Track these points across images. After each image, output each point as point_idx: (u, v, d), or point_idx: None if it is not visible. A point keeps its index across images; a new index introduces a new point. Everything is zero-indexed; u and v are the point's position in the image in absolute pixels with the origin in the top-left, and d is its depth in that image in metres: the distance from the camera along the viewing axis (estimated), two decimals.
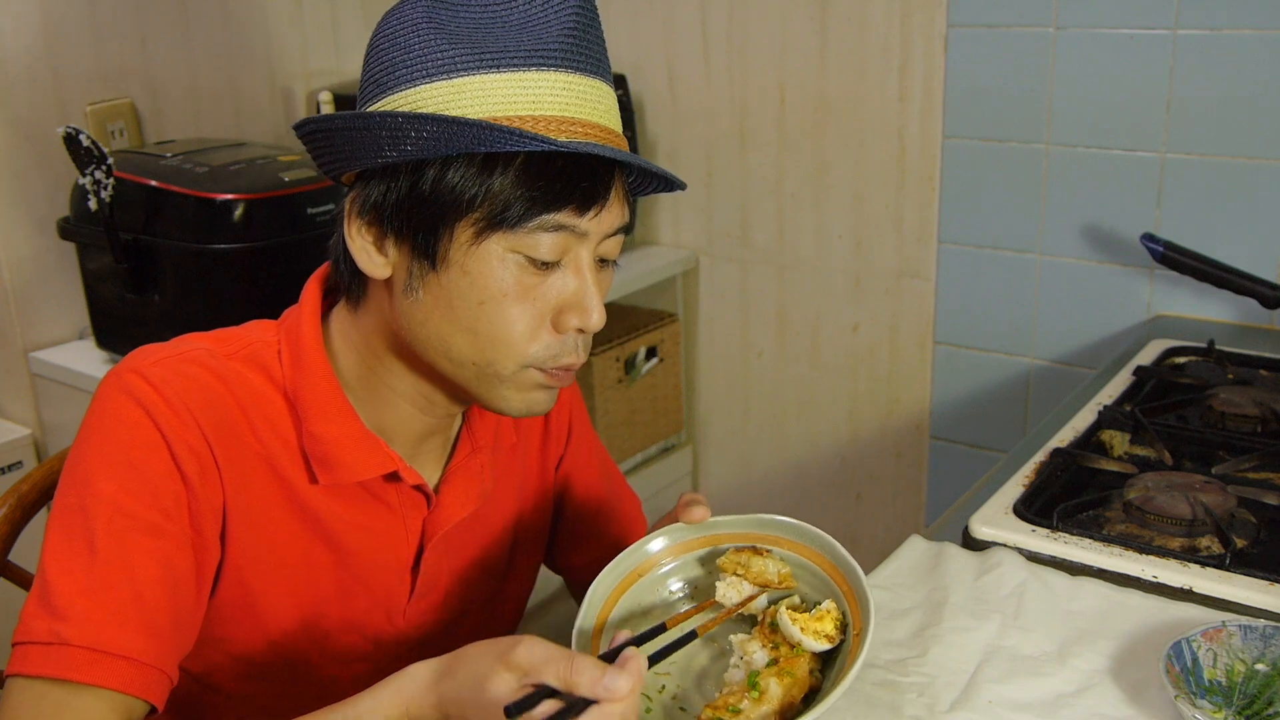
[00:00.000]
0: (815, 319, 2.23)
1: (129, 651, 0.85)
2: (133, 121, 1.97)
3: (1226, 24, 1.69)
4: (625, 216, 0.93)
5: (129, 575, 0.86)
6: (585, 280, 0.91)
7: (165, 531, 0.88)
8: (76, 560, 0.86)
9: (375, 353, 0.97)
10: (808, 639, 0.87)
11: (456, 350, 0.91)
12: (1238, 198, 1.74)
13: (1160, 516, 1.14)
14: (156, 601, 0.87)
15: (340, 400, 0.96)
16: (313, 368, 0.96)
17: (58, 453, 1.22)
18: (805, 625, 0.87)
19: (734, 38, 2.17)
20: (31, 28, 1.83)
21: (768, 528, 0.96)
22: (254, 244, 1.63)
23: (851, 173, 2.10)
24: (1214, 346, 1.63)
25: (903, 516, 2.23)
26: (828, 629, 0.87)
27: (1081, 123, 1.84)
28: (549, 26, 0.88)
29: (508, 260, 0.88)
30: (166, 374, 0.90)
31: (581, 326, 0.91)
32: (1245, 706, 0.88)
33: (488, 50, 0.86)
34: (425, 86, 0.87)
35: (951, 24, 1.92)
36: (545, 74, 0.87)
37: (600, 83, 0.91)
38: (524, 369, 0.92)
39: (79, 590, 0.85)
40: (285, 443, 0.95)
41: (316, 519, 0.97)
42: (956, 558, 1.10)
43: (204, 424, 0.90)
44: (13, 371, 1.91)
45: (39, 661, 0.84)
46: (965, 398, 2.09)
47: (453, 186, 0.87)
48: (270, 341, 0.97)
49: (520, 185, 0.86)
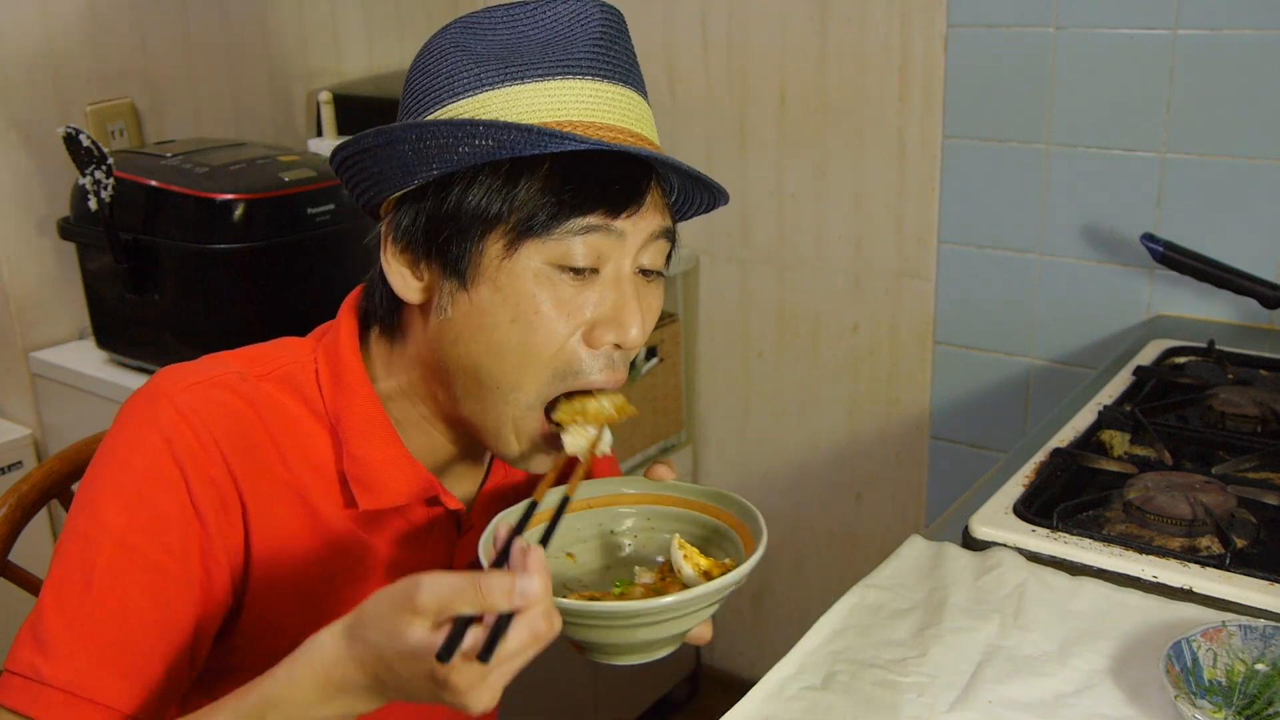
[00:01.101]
0: (815, 319, 2.23)
1: (105, 699, 0.83)
2: (133, 121, 1.97)
3: (1226, 24, 1.69)
4: (667, 220, 0.90)
5: (121, 614, 0.84)
6: (624, 291, 0.87)
7: (168, 570, 0.86)
8: (71, 592, 0.84)
9: (413, 381, 0.95)
10: (687, 567, 0.87)
11: (484, 372, 0.88)
12: (1238, 198, 1.74)
13: (1160, 516, 1.14)
14: (147, 644, 0.85)
15: (383, 422, 0.95)
16: (355, 390, 0.94)
17: (58, 453, 1.22)
18: (690, 555, 0.88)
19: (734, 38, 2.17)
20: (31, 28, 1.83)
21: (705, 497, 0.96)
22: (254, 244, 1.62)
23: (851, 173, 2.10)
24: (1214, 346, 1.63)
25: (903, 516, 2.24)
26: (705, 564, 0.88)
27: (1081, 123, 1.84)
28: (575, 40, 0.87)
29: (542, 274, 0.86)
30: (196, 402, 0.88)
31: (619, 342, 0.87)
32: (1245, 706, 0.88)
33: (513, 65, 0.85)
34: (451, 105, 0.86)
35: (951, 24, 1.92)
36: (571, 82, 0.85)
37: (631, 91, 0.89)
38: (539, 400, 0.89)
39: (65, 624, 0.83)
40: (318, 469, 0.93)
41: (344, 547, 0.95)
42: (956, 558, 1.10)
43: (230, 456, 0.88)
44: (13, 371, 1.91)
45: (18, 695, 0.83)
46: (965, 398, 2.09)
47: (479, 200, 0.85)
48: (306, 362, 0.96)
49: (548, 191, 0.84)
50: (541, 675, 2.05)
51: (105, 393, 1.78)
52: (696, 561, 0.88)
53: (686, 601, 0.80)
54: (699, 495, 0.97)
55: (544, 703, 2.02)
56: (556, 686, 2.09)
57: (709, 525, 0.96)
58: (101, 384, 1.78)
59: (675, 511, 0.98)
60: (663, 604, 0.79)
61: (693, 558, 0.89)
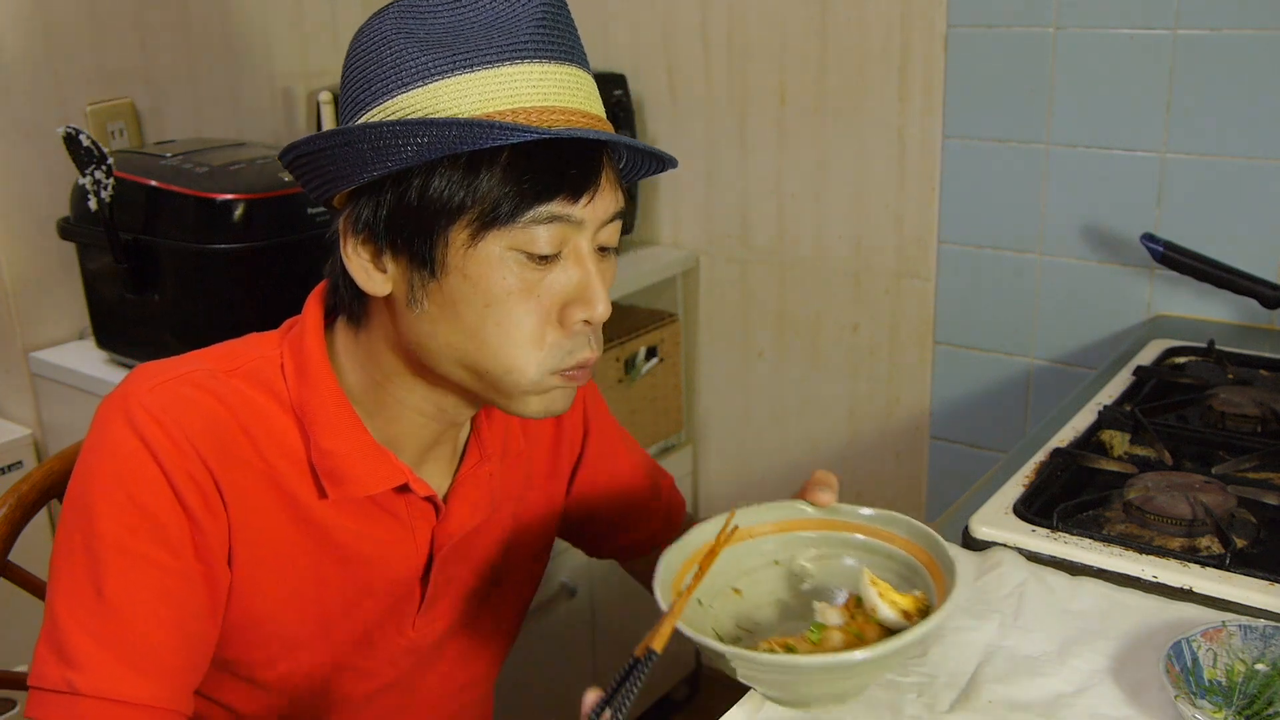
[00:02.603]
0: (815, 319, 2.23)
1: (141, 698, 0.86)
2: (133, 121, 1.97)
3: (1226, 24, 1.69)
4: (620, 201, 0.92)
5: (137, 618, 0.87)
6: (588, 270, 0.89)
7: (170, 568, 0.88)
8: (84, 604, 0.86)
9: (382, 368, 0.96)
10: (883, 605, 0.85)
11: (469, 358, 0.90)
12: (1238, 198, 1.74)
13: (1160, 516, 1.14)
14: (166, 641, 0.88)
15: (348, 414, 0.95)
16: (319, 383, 0.95)
17: (57, 453, 1.22)
18: (885, 594, 0.86)
19: (734, 38, 2.17)
20: (31, 28, 1.83)
21: (879, 522, 0.95)
22: (254, 244, 1.62)
23: (851, 173, 2.10)
24: (1214, 346, 1.63)
25: None
26: (906, 605, 0.86)
27: (1081, 123, 1.84)
28: (519, 21, 0.87)
29: (507, 258, 0.87)
30: (165, 401, 0.89)
31: (588, 318, 0.90)
32: (1245, 706, 0.88)
33: (460, 52, 0.85)
34: (402, 96, 0.86)
35: (951, 24, 1.92)
36: (520, 67, 0.86)
37: (577, 69, 0.89)
38: (543, 376, 0.91)
39: (88, 635, 0.86)
40: (292, 460, 0.94)
41: (325, 535, 0.96)
42: (956, 558, 1.10)
43: (204, 451, 0.89)
44: (13, 371, 1.91)
45: (55, 711, 0.85)
46: (965, 398, 2.09)
47: (440, 192, 0.85)
48: (272, 357, 0.96)
49: (508, 181, 0.85)
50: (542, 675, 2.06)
51: (105, 393, 1.77)
52: (893, 599, 0.86)
53: (906, 647, 0.79)
54: (864, 519, 0.96)
55: (544, 703, 2.02)
56: (557, 686, 2.09)
57: (881, 550, 0.94)
58: (101, 384, 1.78)
59: (842, 537, 0.96)
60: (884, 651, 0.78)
61: (888, 595, 0.86)
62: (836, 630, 0.85)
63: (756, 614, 0.95)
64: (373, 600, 1.00)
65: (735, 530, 0.93)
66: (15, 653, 1.82)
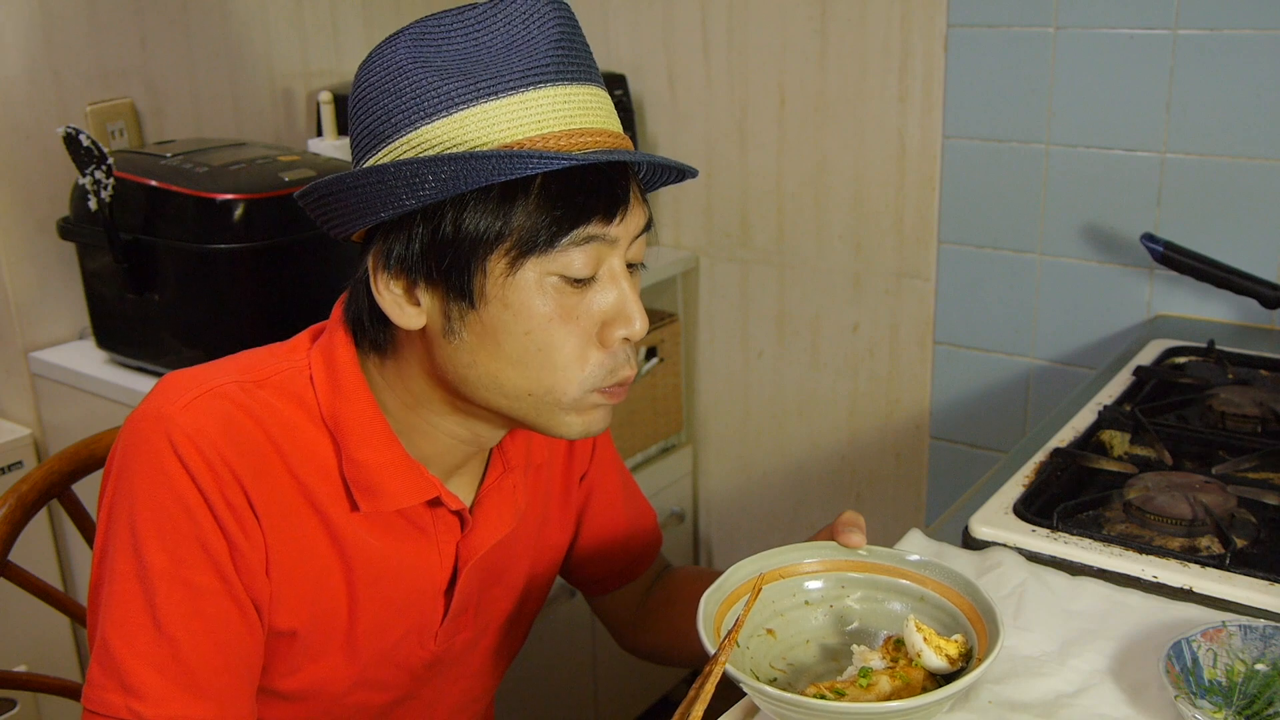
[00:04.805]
0: (815, 319, 2.23)
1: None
2: (133, 121, 1.97)
3: (1226, 24, 1.69)
4: (647, 213, 0.93)
5: (195, 645, 0.88)
6: (623, 289, 0.90)
7: (220, 592, 0.89)
8: (141, 634, 0.87)
9: (414, 394, 0.95)
10: (929, 651, 0.86)
11: (510, 385, 0.90)
12: (1238, 198, 1.74)
13: (1160, 516, 1.14)
14: (224, 666, 0.89)
15: (382, 427, 0.95)
16: (354, 396, 0.94)
17: (58, 453, 1.22)
18: (930, 639, 0.87)
19: (734, 38, 2.17)
20: (31, 28, 1.83)
21: (913, 565, 0.96)
22: (254, 244, 1.62)
23: (851, 173, 2.10)
24: (1214, 346, 1.63)
25: (902, 516, 2.23)
26: (950, 650, 0.87)
27: (1081, 123, 1.84)
28: (535, 44, 0.87)
29: (545, 284, 0.87)
30: (200, 421, 0.89)
31: (628, 335, 0.91)
32: (1245, 706, 0.88)
33: (482, 79, 0.85)
34: (426, 127, 0.85)
35: (951, 24, 1.92)
36: (543, 91, 0.86)
37: (595, 88, 0.90)
38: (585, 394, 0.91)
39: (149, 665, 0.87)
40: (323, 474, 0.94)
41: (353, 549, 0.96)
42: (956, 558, 1.10)
43: (240, 473, 0.89)
44: (13, 371, 1.91)
45: None
46: (965, 398, 2.09)
47: (476, 223, 0.85)
48: (301, 367, 0.96)
49: (543, 208, 0.85)
50: (542, 675, 2.06)
51: (105, 393, 1.78)
52: (938, 644, 0.87)
53: (959, 690, 0.80)
54: (898, 562, 0.96)
55: (544, 703, 2.02)
56: (556, 686, 2.09)
57: (914, 593, 0.95)
58: (101, 384, 1.78)
59: (874, 579, 0.97)
60: (942, 696, 0.79)
61: (933, 640, 0.87)
62: (884, 675, 0.86)
63: (790, 655, 0.95)
64: (397, 614, 1.00)
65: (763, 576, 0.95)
66: (15, 653, 1.82)
